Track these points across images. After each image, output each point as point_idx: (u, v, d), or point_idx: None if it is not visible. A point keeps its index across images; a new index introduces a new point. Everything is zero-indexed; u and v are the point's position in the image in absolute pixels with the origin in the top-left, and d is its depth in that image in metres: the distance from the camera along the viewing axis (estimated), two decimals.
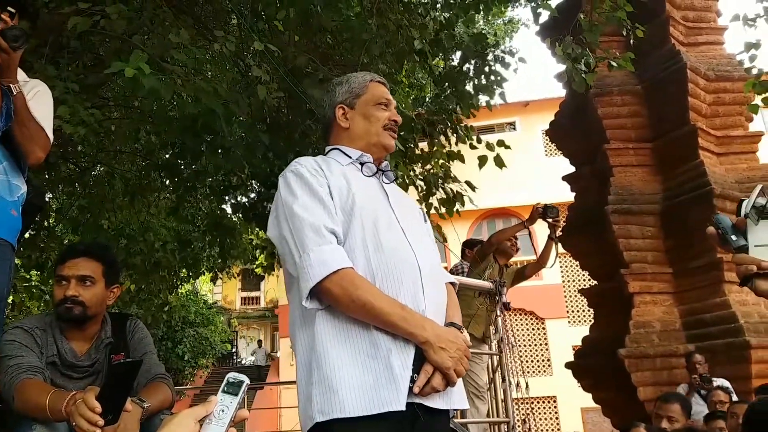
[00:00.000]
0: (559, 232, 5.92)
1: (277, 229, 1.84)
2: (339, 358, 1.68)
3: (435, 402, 1.72)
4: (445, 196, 5.84)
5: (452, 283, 2.05)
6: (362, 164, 1.98)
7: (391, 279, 1.75)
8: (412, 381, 1.66)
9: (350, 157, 1.98)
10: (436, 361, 1.67)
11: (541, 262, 5.82)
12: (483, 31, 6.55)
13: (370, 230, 1.80)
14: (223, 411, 1.12)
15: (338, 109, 2.04)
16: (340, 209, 1.81)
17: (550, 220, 5.52)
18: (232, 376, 1.18)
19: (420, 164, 5.92)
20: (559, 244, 5.94)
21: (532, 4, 5.81)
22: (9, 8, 2.30)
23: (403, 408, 1.62)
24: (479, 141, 5.80)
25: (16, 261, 6.55)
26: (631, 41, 6.02)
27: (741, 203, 1.47)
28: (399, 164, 5.09)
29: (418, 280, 1.78)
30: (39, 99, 2.48)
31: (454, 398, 1.79)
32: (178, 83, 4.22)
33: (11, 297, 7.32)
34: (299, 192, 1.82)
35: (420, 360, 1.69)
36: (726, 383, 5.64)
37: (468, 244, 6.32)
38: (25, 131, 2.37)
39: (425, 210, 5.72)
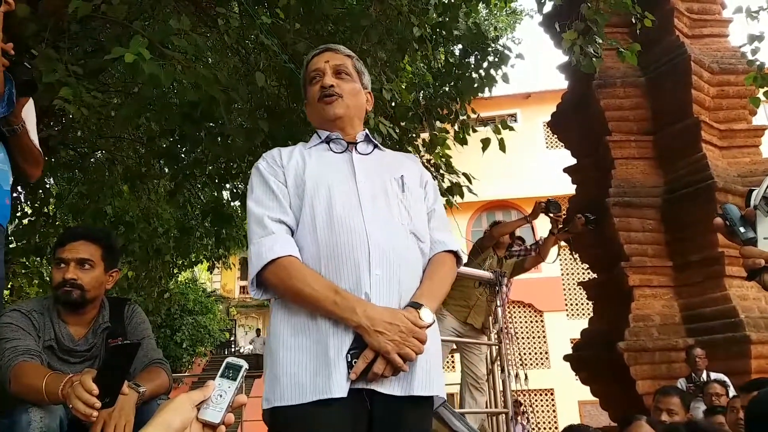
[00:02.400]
0: (560, 226, 5.93)
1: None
2: (285, 344, 1.69)
3: (392, 388, 1.64)
4: (445, 186, 5.81)
5: (455, 253, 1.93)
6: (329, 142, 1.94)
7: (334, 262, 1.71)
8: (349, 366, 1.61)
9: (320, 138, 1.96)
10: (374, 345, 1.60)
11: (541, 256, 5.83)
12: (485, 22, 6.47)
13: (322, 211, 1.76)
14: (221, 396, 1.11)
15: (305, 105, 2.08)
16: (294, 194, 1.82)
17: (551, 215, 5.52)
18: (230, 360, 1.17)
19: (419, 154, 5.88)
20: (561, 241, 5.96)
21: None
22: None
23: (338, 396, 1.58)
24: (485, 124, 5.77)
25: (17, 246, 6.60)
26: (638, 30, 5.94)
27: (750, 193, 1.41)
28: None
29: (365, 261, 1.70)
30: (28, 114, 2.58)
31: (415, 384, 1.68)
32: (178, 70, 4.19)
33: (10, 282, 7.31)
34: (255, 187, 1.86)
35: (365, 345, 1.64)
36: (724, 378, 5.63)
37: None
38: (29, 157, 2.60)
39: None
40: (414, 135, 5.77)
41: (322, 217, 1.75)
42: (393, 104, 5.15)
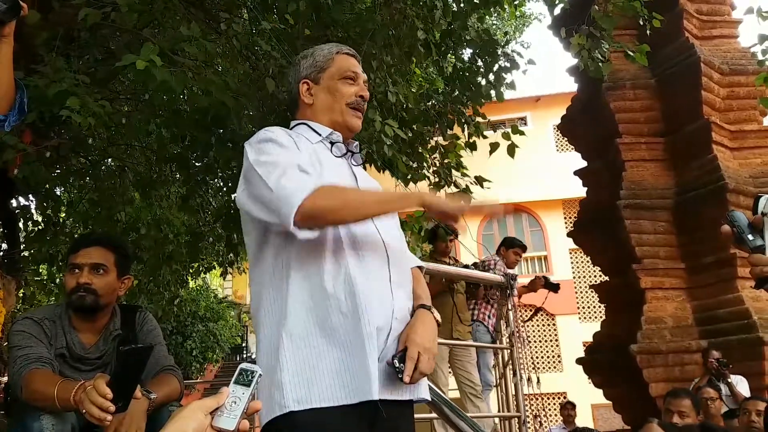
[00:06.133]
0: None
1: (246, 189, 1.70)
2: (316, 339, 1.59)
3: (402, 394, 1.63)
4: (455, 190, 5.79)
5: (420, 267, 1.97)
6: (332, 143, 1.86)
7: (359, 250, 1.68)
8: (399, 371, 1.56)
9: (319, 135, 1.85)
10: (415, 340, 1.61)
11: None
12: (493, 26, 6.46)
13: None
14: (235, 402, 1.10)
15: (302, 85, 1.91)
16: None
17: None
18: (244, 366, 1.16)
19: (433, 156, 5.86)
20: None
21: None
22: None
23: (376, 398, 1.52)
24: (494, 128, 5.76)
25: (26, 254, 6.63)
26: (648, 32, 5.92)
27: (758, 200, 1.40)
28: (399, 160, 5.00)
29: (383, 253, 1.72)
30: None
31: (421, 388, 1.70)
32: (189, 76, 4.20)
33: (22, 290, 7.35)
34: (272, 151, 1.70)
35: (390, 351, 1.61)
36: (742, 379, 5.58)
37: (506, 243, 6.26)
38: None
39: None
40: (428, 138, 5.75)
41: (344, 229, 1.69)
42: (402, 108, 5.15)
